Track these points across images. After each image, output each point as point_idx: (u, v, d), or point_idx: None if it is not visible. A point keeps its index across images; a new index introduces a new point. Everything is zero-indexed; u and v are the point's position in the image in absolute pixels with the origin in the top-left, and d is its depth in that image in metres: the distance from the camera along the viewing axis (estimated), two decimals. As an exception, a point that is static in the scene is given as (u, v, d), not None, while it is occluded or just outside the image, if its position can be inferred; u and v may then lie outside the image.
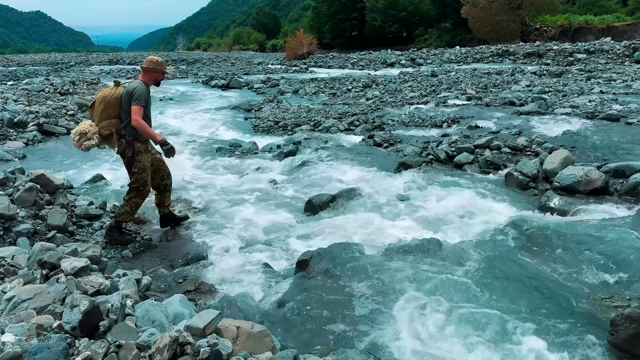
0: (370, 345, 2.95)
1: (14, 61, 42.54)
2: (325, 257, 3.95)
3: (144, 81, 4.63)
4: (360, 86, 16.40)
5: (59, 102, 12.24)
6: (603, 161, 6.20)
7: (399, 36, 49.76)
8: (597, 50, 22.74)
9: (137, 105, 4.40)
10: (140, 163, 4.59)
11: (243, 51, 71.68)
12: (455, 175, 6.49)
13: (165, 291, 3.72)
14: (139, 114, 4.40)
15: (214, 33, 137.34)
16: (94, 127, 4.51)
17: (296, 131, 9.83)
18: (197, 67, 31.53)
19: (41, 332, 2.24)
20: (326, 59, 34.08)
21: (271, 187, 6.49)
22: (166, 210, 5.03)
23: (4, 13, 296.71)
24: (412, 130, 9.24)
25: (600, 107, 9.63)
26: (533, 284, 3.55)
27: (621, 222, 4.47)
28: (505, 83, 14.76)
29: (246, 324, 2.52)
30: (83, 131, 4.48)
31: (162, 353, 2.10)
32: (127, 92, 4.48)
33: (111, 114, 4.50)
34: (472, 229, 4.78)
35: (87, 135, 4.47)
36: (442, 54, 29.61)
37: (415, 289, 3.49)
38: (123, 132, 4.53)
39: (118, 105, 4.50)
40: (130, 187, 4.67)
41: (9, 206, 4.34)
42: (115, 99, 4.49)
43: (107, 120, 4.50)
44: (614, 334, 2.78)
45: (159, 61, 4.71)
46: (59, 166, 7.42)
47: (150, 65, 4.64)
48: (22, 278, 2.89)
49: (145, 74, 4.67)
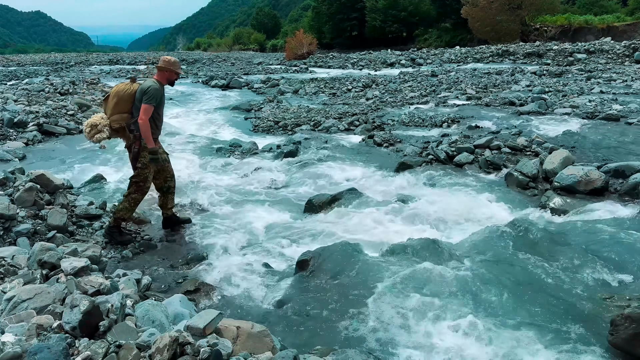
0: (370, 345, 2.95)
1: (14, 61, 42.55)
2: (325, 257, 3.95)
3: (158, 80, 4.68)
4: (360, 86, 16.40)
5: (59, 102, 12.24)
6: (603, 161, 6.20)
7: (399, 36, 49.77)
8: (597, 50, 22.74)
9: (148, 104, 4.47)
10: (145, 159, 4.63)
11: (243, 51, 71.67)
12: (455, 175, 6.49)
13: (165, 291, 3.72)
14: (147, 114, 4.47)
15: (214, 33, 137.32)
16: (105, 120, 4.58)
17: (296, 131, 9.83)
18: (197, 67, 31.53)
19: (41, 332, 2.24)
20: (326, 59, 34.08)
21: (271, 187, 6.49)
22: (169, 213, 5.03)
23: (4, 13, 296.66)
24: (412, 130, 9.24)
25: (600, 107, 9.63)
26: (533, 284, 3.55)
27: (621, 222, 4.47)
28: (505, 83, 14.76)
29: (246, 324, 2.52)
30: (94, 123, 4.54)
31: (162, 353, 2.10)
32: (142, 89, 4.53)
33: (123, 108, 4.57)
34: (472, 229, 4.78)
35: (98, 128, 4.53)
36: (442, 54, 29.62)
37: (415, 289, 3.49)
38: (132, 128, 4.59)
39: (131, 100, 4.57)
40: (131, 180, 4.70)
41: (9, 206, 4.34)
42: (128, 95, 4.56)
43: (119, 114, 4.57)
44: (614, 334, 2.77)
45: (173, 61, 4.76)
46: (59, 166, 7.42)
47: (164, 64, 4.70)
48: (22, 278, 2.89)
49: (160, 73, 4.73)
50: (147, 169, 4.67)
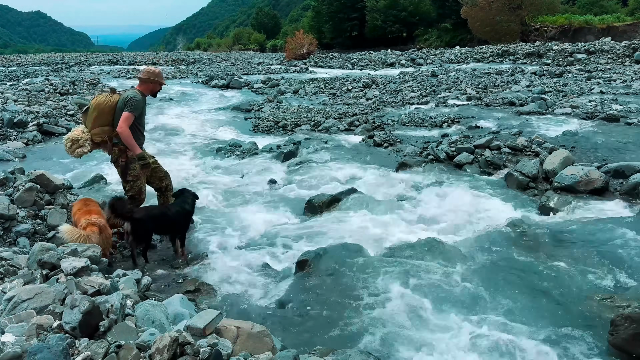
0: (370, 345, 2.95)
1: (14, 61, 42.54)
2: (325, 257, 3.95)
3: (140, 91, 4.59)
4: (360, 86, 16.40)
5: (59, 102, 12.24)
6: (603, 161, 6.20)
7: (399, 36, 49.80)
8: (597, 51, 22.73)
9: (129, 112, 4.37)
10: (135, 171, 4.57)
11: (243, 51, 71.72)
12: (455, 175, 6.49)
13: (165, 291, 3.72)
14: (127, 122, 4.37)
15: (214, 33, 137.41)
16: (86, 134, 4.49)
17: (296, 131, 9.83)
18: (197, 67, 31.53)
19: (41, 332, 2.24)
20: (326, 59, 34.09)
21: (271, 187, 6.49)
22: None
23: (4, 13, 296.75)
24: (412, 130, 9.24)
25: (600, 107, 9.63)
26: (533, 284, 3.55)
27: (621, 222, 4.47)
28: (505, 83, 14.76)
29: (246, 324, 2.52)
30: (75, 138, 4.47)
31: (162, 353, 2.10)
32: (123, 99, 4.44)
33: (104, 121, 4.47)
34: (472, 229, 4.78)
35: (79, 142, 4.46)
36: (442, 54, 29.62)
37: (415, 289, 3.49)
38: (116, 141, 4.49)
39: (112, 113, 4.47)
40: (127, 195, 4.64)
41: (9, 206, 4.34)
42: (109, 107, 4.46)
43: (100, 127, 4.47)
44: (614, 334, 2.77)
45: (157, 72, 4.69)
46: (59, 166, 7.41)
47: (148, 75, 4.61)
48: (22, 278, 2.89)
49: (142, 84, 4.63)
50: (140, 180, 4.62)
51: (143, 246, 4.23)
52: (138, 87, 4.64)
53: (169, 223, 4.29)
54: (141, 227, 4.06)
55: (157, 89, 4.75)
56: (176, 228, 4.38)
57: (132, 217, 3.99)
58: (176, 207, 4.40)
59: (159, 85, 4.74)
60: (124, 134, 4.37)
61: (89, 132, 4.50)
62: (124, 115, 4.36)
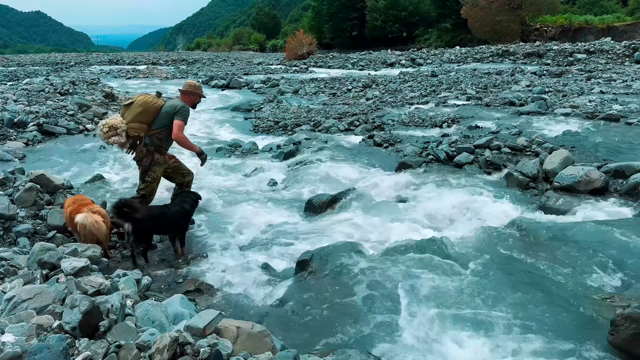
0: (370, 345, 2.95)
1: (14, 61, 42.56)
2: (325, 257, 3.95)
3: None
4: (360, 86, 16.41)
5: (59, 102, 12.23)
6: (603, 161, 6.20)
7: (399, 36, 49.79)
8: (597, 50, 22.73)
9: (181, 120, 4.63)
10: (154, 174, 4.78)
11: (243, 51, 71.73)
12: (456, 175, 6.49)
13: (165, 291, 3.72)
14: (181, 129, 4.63)
15: (214, 33, 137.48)
16: (124, 125, 4.64)
17: (296, 131, 9.83)
18: (197, 67, 31.55)
19: (41, 332, 2.24)
20: (326, 59, 34.10)
21: (271, 187, 6.49)
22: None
23: (4, 13, 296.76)
24: (412, 130, 9.24)
25: (600, 107, 9.63)
26: (533, 284, 3.55)
27: (621, 222, 4.47)
28: (505, 83, 14.76)
29: (246, 324, 2.52)
30: (114, 125, 4.59)
31: (162, 353, 2.10)
32: (172, 105, 4.68)
33: (145, 119, 4.68)
34: (472, 229, 4.77)
35: (117, 131, 4.59)
36: (442, 54, 29.62)
37: (415, 289, 3.49)
38: (147, 142, 4.69)
39: (154, 114, 4.70)
40: (139, 193, 4.81)
41: (9, 206, 4.34)
42: (154, 108, 4.69)
43: (139, 123, 4.66)
44: (614, 334, 2.77)
45: (197, 85, 5.01)
46: (59, 166, 7.42)
47: (190, 88, 4.93)
48: (22, 278, 2.89)
49: (184, 96, 4.91)
50: (155, 183, 4.83)
51: (143, 246, 4.24)
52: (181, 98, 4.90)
53: (169, 223, 4.31)
54: (142, 227, 4.08)
55: (197, 100, 5.05)
56: (176, 228, 4.40)
57: (134, 217, 4.00)
58: (176, 207, 4.43)
59: (199, 97, 5.05)
60: (181, 140, 4.69)
61: (126, 124, 4.64)
62: (177, 123, 4.62)
